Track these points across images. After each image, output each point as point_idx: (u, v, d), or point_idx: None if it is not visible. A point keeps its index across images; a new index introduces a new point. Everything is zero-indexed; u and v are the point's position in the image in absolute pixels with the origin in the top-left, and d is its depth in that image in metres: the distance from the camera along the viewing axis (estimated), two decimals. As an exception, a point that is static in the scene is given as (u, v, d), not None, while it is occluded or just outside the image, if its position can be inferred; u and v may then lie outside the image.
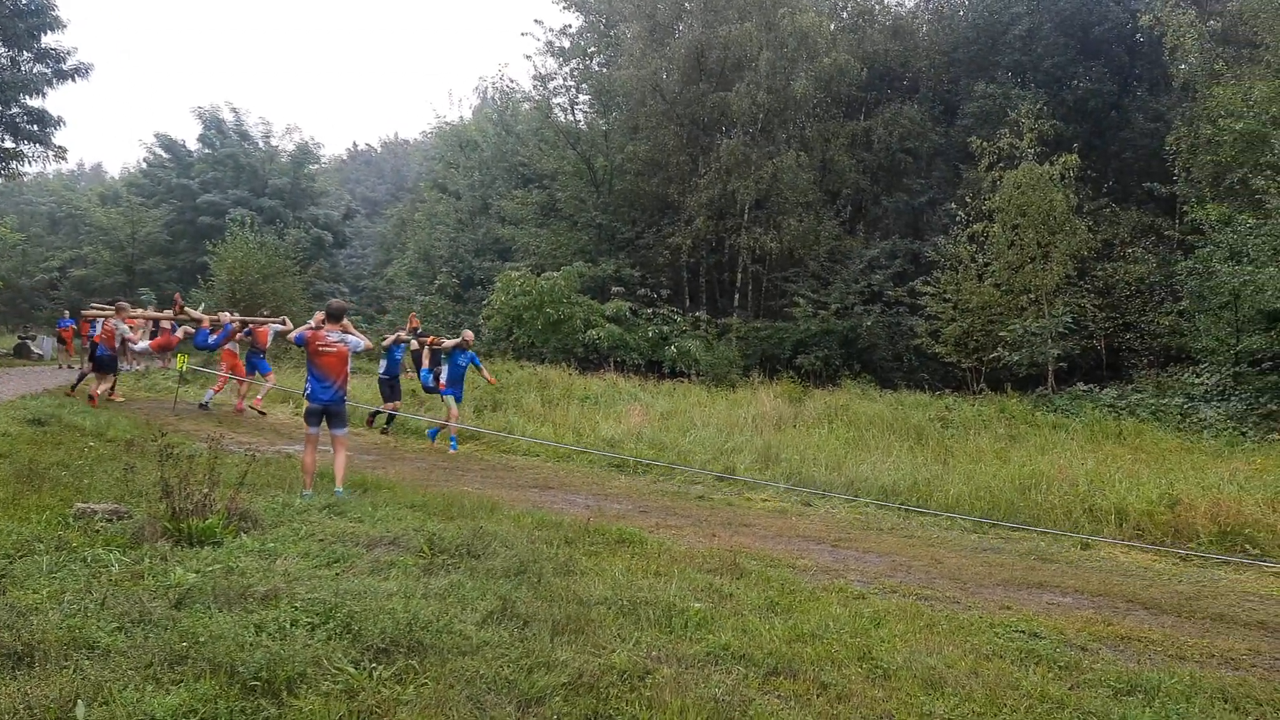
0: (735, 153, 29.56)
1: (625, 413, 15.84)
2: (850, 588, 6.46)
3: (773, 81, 29.32)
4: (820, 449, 13.09)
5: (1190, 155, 23.78)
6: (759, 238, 29.66)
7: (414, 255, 41.65)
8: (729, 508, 10.09)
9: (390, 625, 4.51)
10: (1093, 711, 4.34)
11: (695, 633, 5.04)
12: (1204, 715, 4.37)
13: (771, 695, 4.30)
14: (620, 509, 9.41)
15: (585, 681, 4.19)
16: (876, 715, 4.17)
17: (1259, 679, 5.05)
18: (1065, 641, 5.49)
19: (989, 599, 6.53)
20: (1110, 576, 7.64)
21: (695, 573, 6.38)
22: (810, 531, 8.93)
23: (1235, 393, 18.16)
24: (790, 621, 5.38)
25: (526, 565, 6.03)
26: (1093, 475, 10.62)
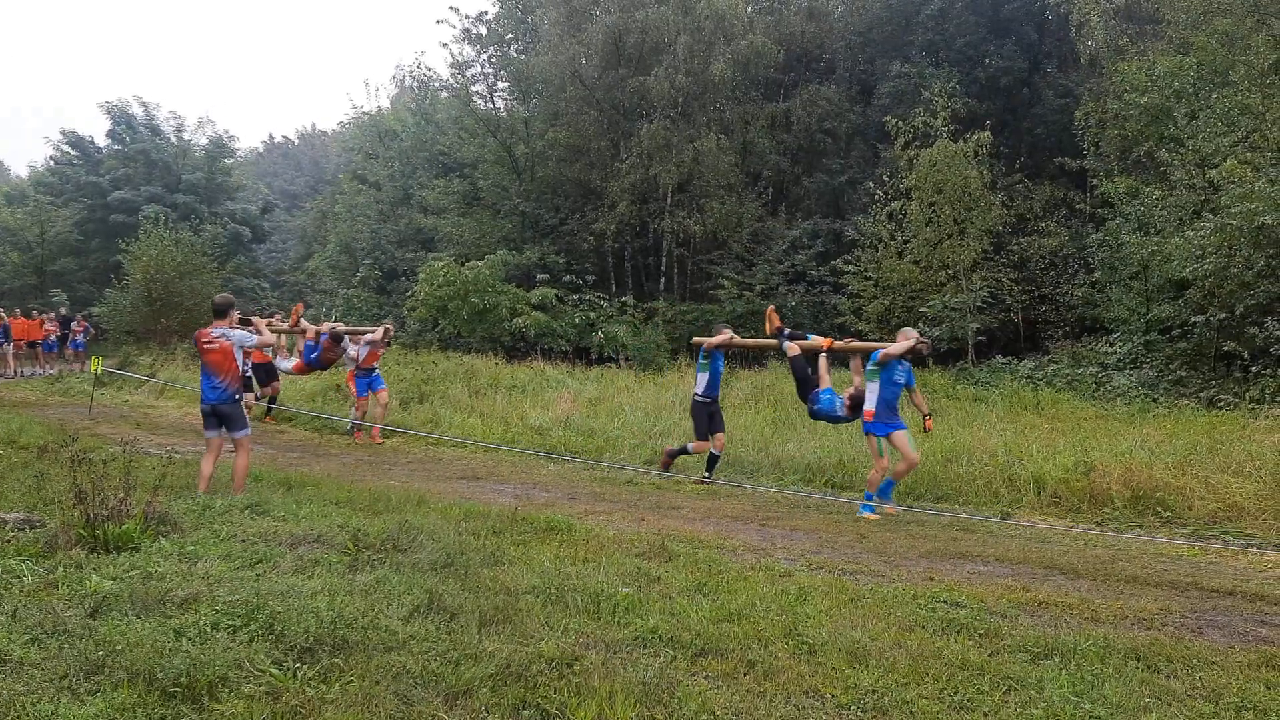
0: (656, 137, 29.54)
1: (553, 400, 15.79)
2: (777, 566, 6.53)
3: (691, 65, 29.35)
4: (748, 430, 13.21)
5: (1098, 130, 24.37)
6: (682, 221, 29.71)
7: (335, 248, 40.90)
8: (658, 491, 10.13)
9: (314, 624, 4.44)
10: (1011, 677, 4.45)
11: (623, 617, 5.05)
12: (1117, 675, 4.51)
13: (699, 676, 4.33)
14: (549, 497, 9.40)
15: (513, 671, 4.18)
16: (803, 691, 4.22)
17: (1170, 637, 5.23)
18: (986, 609, 5.61)
19: (912, 571, 6.66)
20: (1029, 544, 7.85)
21: (624, 558, 6.40)
22: (738, 512, 9.01)
23: (1146, 360, 18.72)
24: (718, 602, 5.42)
25: (453, 557, 5.98)
26: (1011, 446, 10.87)
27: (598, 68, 31.40)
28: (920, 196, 23.38)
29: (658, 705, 3.93)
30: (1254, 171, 16.82)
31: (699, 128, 30.35)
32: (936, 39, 30.15)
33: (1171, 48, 22.44)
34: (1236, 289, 16.74)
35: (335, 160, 63.66)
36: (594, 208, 31.28)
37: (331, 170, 62.61)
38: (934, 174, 22.95)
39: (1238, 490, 8.63)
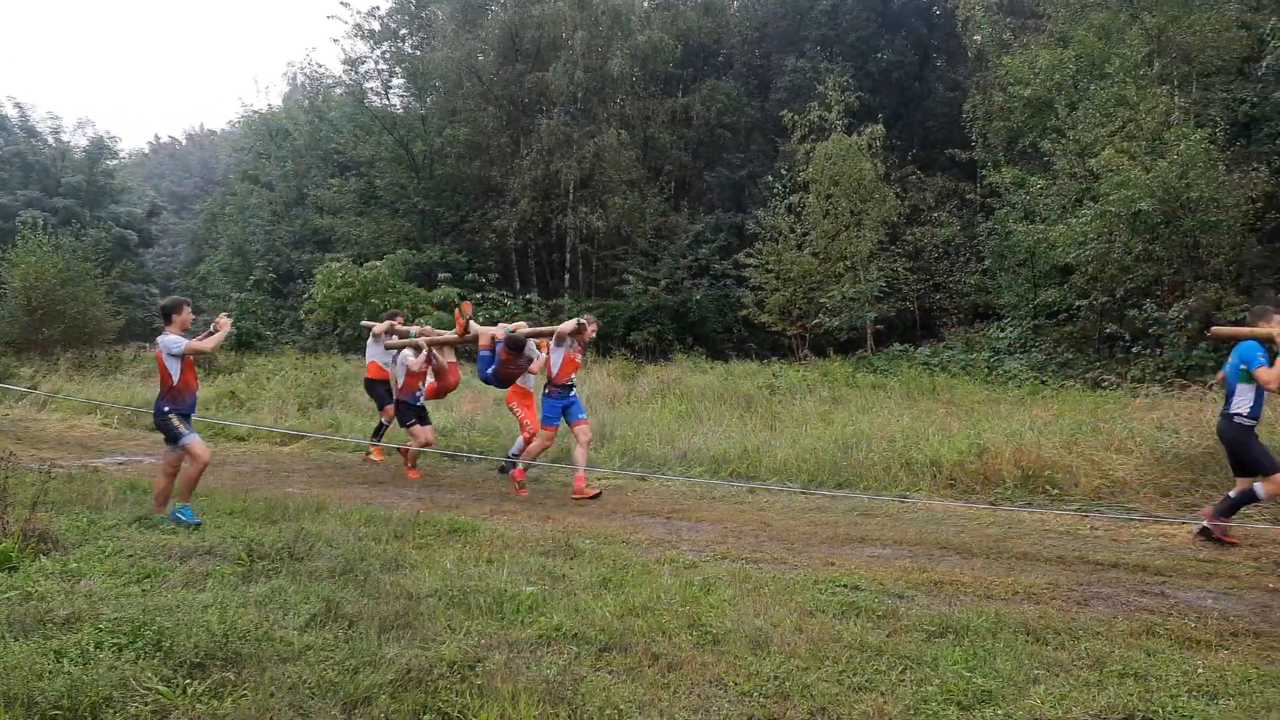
0: (556, 133, 29.45)
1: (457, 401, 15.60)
2: (682, 558, 6.56)
3: (590, 60, 29.35)
4: (654, 423, 13.25)
5: (986, 122, 25.12)
6: (585, 217, 29.69)
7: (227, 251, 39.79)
8: (564, 489, 10.09)
9: (205, 638, 4.30)
10: (908, 656, 4.55)
11: (527, 616, 5.01)
12: (1008, 649, 4.65)
13: (604, 671, 4.32)
14: (454, 499, 9.30)
15: (414, 676, 4.11)
16: (706, 681, 4.25)
17: (1057, 610, 5.41)
18: (884, 591, 5.73)
19: (814, 557, 6.76)
20: (926, 526, 8.04)
21: (529, 556, 6.36)
22: (645, 506, 9.03)
23: (1035, 344, 19.37)
24: (623, 597, 5.42)
25: (353, 564, 5.87)
26: (909, 431, 11.12)
27: (495, 63, 31.17)
28: (818, 189, 23.79)
29: (561, 703, 3.92)
30: (1130, 160, 17.52)
31: (600, 123, 30.35)
32: (830, 34, 30.68)
33: (1052, 41, 23.25)
34: (1117, 273, 17.43)
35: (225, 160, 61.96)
36: (495, 205, 31.04)
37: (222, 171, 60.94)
38: (830, 167, 23.39)
39: (1120, 466, 8.98)
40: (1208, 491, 8.54)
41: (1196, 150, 16.90)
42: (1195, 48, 21.10)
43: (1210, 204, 16.86)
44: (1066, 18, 23.31)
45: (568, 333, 9.74)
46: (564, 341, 9.74)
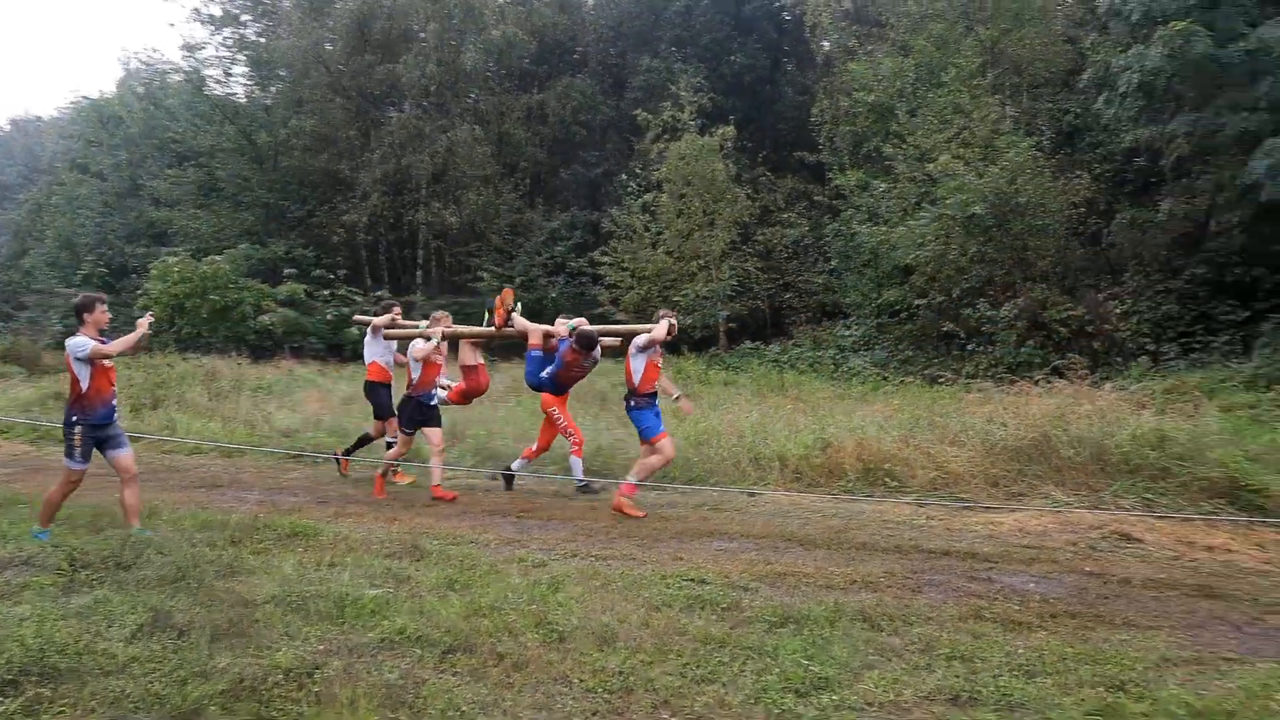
0: (408, 126, 28.91)
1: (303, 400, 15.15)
2: (531, 557, 6.53)
3: (442, 54, 28.91)
4: (507, 422, 13.15)
5: (833, 126, 25.91)
6: (438, 213, 29.24)
7: (54, 243, 37.47)
8: (414, 489, 9.92)
9: (19, 653, 4.06)
10: (750, 646, 4.65)
11: (369, 620, 4.90)
12: (845, 636, 4.80)
13: (447, 673, 4.27)
14: (296, 501, 9.00)
15: (247, 686, 3.97)
16: (551, 678, 4.25)
17: (893, 598, 5.62)
18: (730, 584, 5.84)
19: (663, 552, 6.83)
20: (773, 519, 8.23)
21: (373, 559, 6.22)
22: (496, 506, 8.95)
23: (878, 342, 20.09)
24: (469, 598, 5.36)
25: (185, 571, 5.62)
26: (758, 427, 11.35)
27: (344, 53, 30.37)
28: (671, 188, 24.07)
29: (402, 707, 3.86)
30: (965, 165, 18.37)
31: (453, 118, 29.94)
32: (684, 35, 31.05)
33: (894, 49, 24.16)
34: (953, 274, 18.24)
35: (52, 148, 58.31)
36: (344, 199, 30.24)
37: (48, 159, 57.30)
38: (683, 166, 23.69)
39: (954, 459, 9.38)
40: (1033, 481, 9.01)
41: (1025, 157, 17.87)
42: (1025, 60, 22.31)
43: (1037, 208, 17.85)
44: (907, 27, 24.26)
45: (661, 338, 8.53)
46: (646, 348, 8.52)
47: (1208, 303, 16.63)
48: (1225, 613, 5.51)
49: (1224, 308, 16.19)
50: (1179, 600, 5.76)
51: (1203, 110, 14.16)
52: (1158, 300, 17.20)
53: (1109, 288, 18.00)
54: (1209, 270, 16.96)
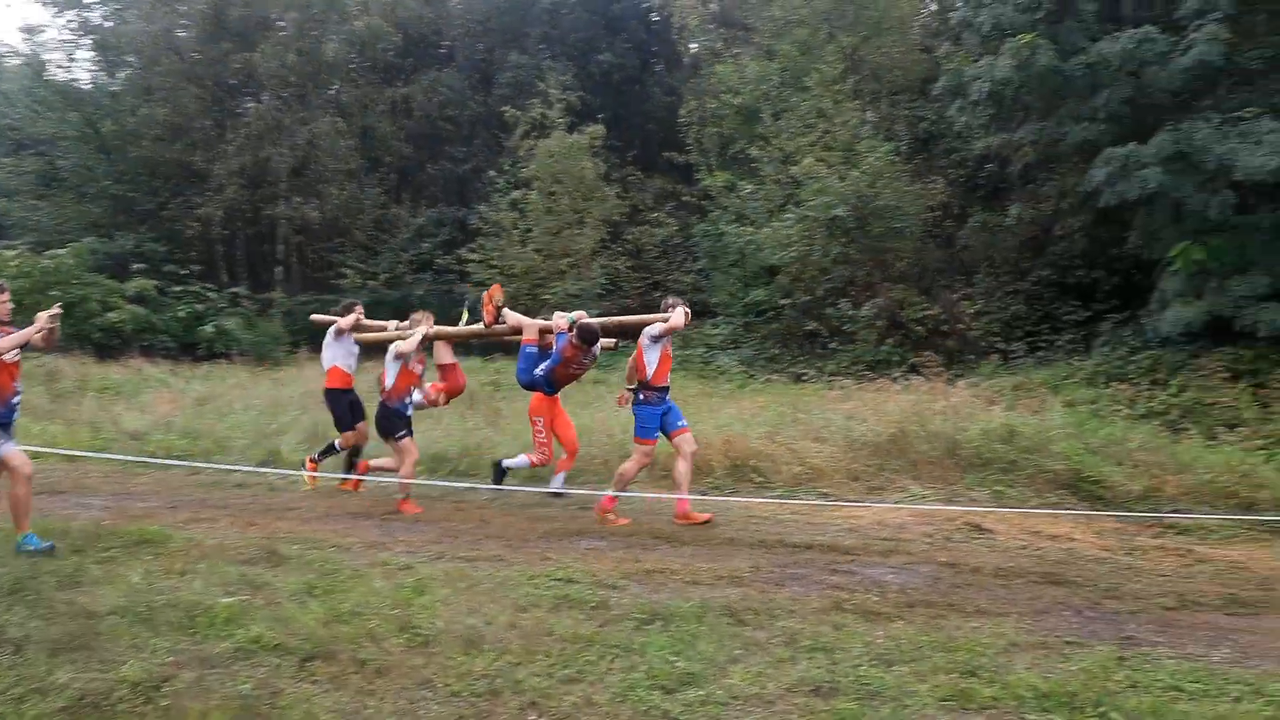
0: (266, 117, 27.94)
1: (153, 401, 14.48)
2: (396, 560, 6.40)
3: (302, 43, 28.03)
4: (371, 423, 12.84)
5: (701, 127, 26.17)
6: (299, 207, 28.36)
7: (-127, 234, 34.86)
8: (273, 493, 9.58)
9: None
10: (618, 644, 4.66)
11: (223, 629, 4.72)
12: (711, 631, 4.86)
13: (306, 682, 4.15)
14: (146, 507, 8.57)
15: (90, 701, 3.78)
16: (415, 683, 4.17)
17: (758, 591, 5.72)
18: (598, 583, 5.84)
19: (531, 552, 6.78)
20: (642, 516, 8.28)
21: (227, 566, 5.98)
22: (360, 508, 8.73)
23: (745, 340, 20.43)
24: (329, 603, 5.22)
25: (23, 583, 5.31)
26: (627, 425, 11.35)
27: (198, 40, 29.13)
28: (540, 186, 23.95)
29: (257, 718, 3.72)
30: (828, 168, 18.85)
31: (314, 110, 29.06)
32: (552, 32, 30.91)
33: (760, 53, 24.59)
34: (817, 274, 18.71)
35: (-127, 132, 54.17)
36: (198, 191, 28.98)
37: None
38: (552, 164, 23.60)
39: (816, 454, 9.63)
40: (891, 475, 9.32)
41: (884, 162, 18.46)
42: (883, 67, 23.04)
43: (896, 211, 18.46)
44: (772, 32, 24.73)
45: (680, 326, 7.99)
46: (660, 338, 7.98)
47: (1052, 303, 17.49)
48: (1068, 598, 5.80)
49: (1067, 308, 17.02)
50: (1026, 588, 6.03)
51: (1047, 120, 14.87)
52: (1007, 301, 18.00)
53: (962, 288, 18.74)
54: (1053, 272, 17.83)
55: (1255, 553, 7.11)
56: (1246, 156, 11.50)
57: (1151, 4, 13.31)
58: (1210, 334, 12.75)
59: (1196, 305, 12.43)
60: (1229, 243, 12.40)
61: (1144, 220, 13.56)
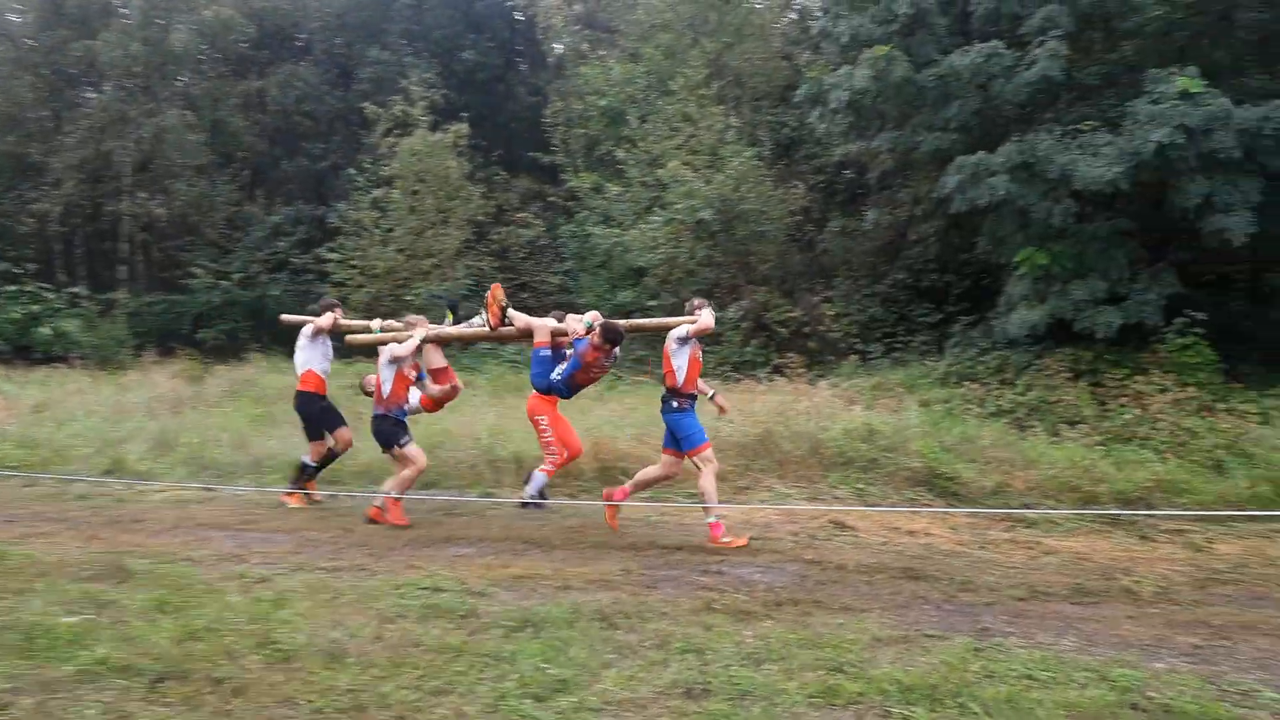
0: (109, 109, 26.56)
1: None
2: (252, 573, 6.15)
3: (148, 32, 26.75)
4: (224, 429, 12.34)
5: (566, 128, 26.12)
6: (144, 204, 27.06)
7: None
8: (118, 505, 9.09)
9: None
10: (488, 654, 4.58)
11: (65, 651, 4.44)
12: (583, 637, 4.83)
13: (157, 704, 3.94)
14: (-23, 522, 8.03)
15: (-87, 738, 3.48)
16: (276, 701, 4.01)
17: (629, 595, 5.71)
18: (467, 590, 5.73)
19: (396, 561, 6.62)
20: (510, 521, 8.18)
21: (69, 583, 5.64)
22: (213, 519, 8.37)
23: (612, 342, 20.44)
24: (182, 620, 4.97)
25: None
26: (494, 428, 11.25)
27: (34, 26, 27.51)
28: (403, 185, 23.49)
29: (103, 747, 3.50)
30: (693, 172, 19.06)
31: (161, 102, 27.77)
32: (414, 28, 30.36)
33: (625, 56, 24.70)
34: (683, 276, 18.89)
35: None
36: (33, 186, 27.37)
37: None
38: (415, 163, 23.18)
39: (685, 455, 9.69)
40: (758, 475, 9.46)
41: (748, 166, 18.78)
42: (746, 73, 23.44)
43: (760, 215, 18.81)
44: (637, 35, 24.88)
45: (710, 328, 7.52)
46: (688, 340, 7.47)
47: (907, 306, 18.10)
48: (927, 592, 5.99)
49: (921, 310, 17.63)
50: (887, 583, 6.20)
51: (903, 129, 15.38)
52: (865, 303, 18.55)
53: (823, 291, 19.22)
54: (908, 276, 18.47)
55: (1097, 544, 7.50)
56: (1085, 167, 12.13)
57: (998, 20, 13.87)
58: (1053, 335, 13.41)
59: (1040, 308, 13.03)
60: (1069, 249, 13.05)
61: (992, 226, 14.15)
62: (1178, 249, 13.71)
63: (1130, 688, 4.32)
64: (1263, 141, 11.60)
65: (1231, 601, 5.91)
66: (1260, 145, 11.63)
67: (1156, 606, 5.79)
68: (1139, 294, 12.58)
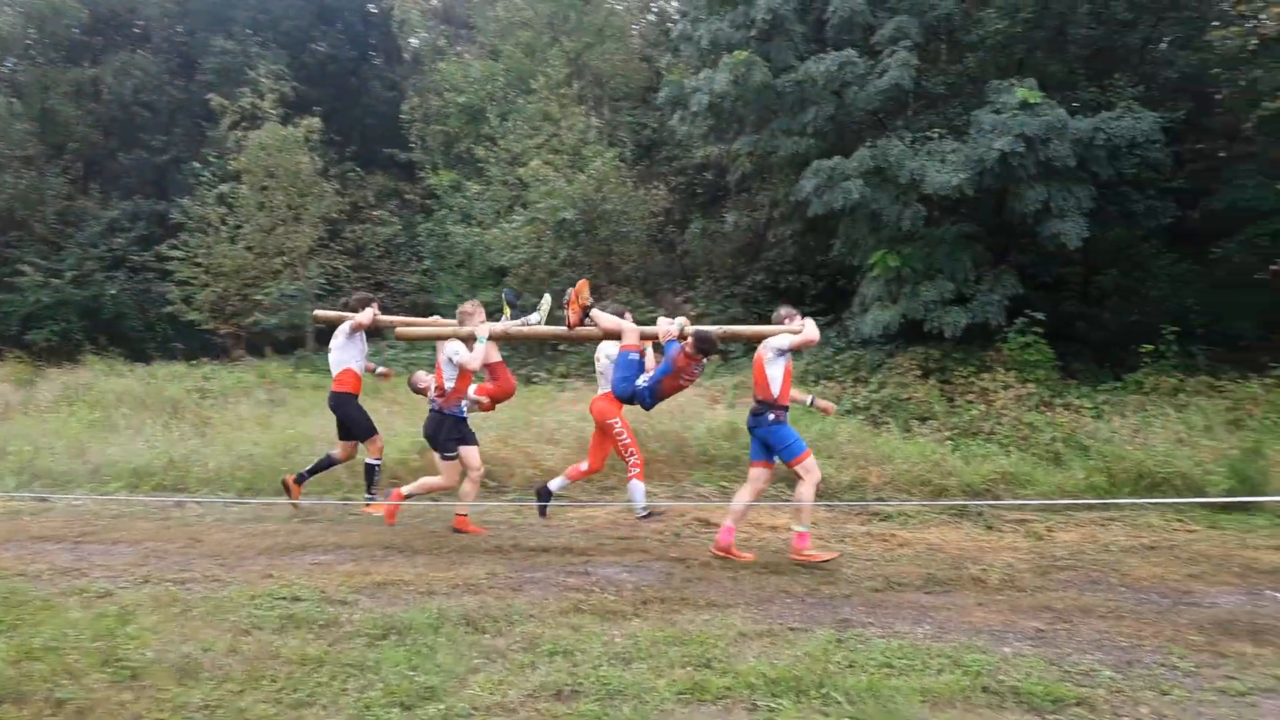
0: (-75, 94, 24.78)
1: None
2: (94, 587, 5.82)
3: (-30, 14, 25.09)
4: (59, 435, 11.63)
5: (424, 124, 25.66)
6: (-34, 196, 25.34)
7: None
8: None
9: None
10: (351, 663, 4.45)
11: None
12: (449, 642, 4.74)
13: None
14: None
15: None
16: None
17: (495, 598, 5.64)
18: (326, 599, 5.56)
19: (251, 571, 6.37)
20: (370, 527, 7.97)
21: (-117, 606, 5.20)
22: (48, 531, 7.88)
23: (473, 342, 20.21)
24: (18, 639, 4.65)
25: None
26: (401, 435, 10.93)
27: None
28: (251, 180, 22.64)
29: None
30: (555, 171, 18.99)
31: (-16, 88, 26.06)
32: (262, 17, 29.29)
33: (484, 52, 24.43)
34: (546, 276, 18.78)
35: None
36: None
37: None
38: (265, 157, 22.39)
39: (550, 457, 9.65)
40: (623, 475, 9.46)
41: (610, 167, 18.82)
42: (607, 74, 23.50)
43: (621, 216, 18.88)
44: (496, 32, 24.66)
45: (816, 340, 7.26)
46: (786, 351, 7.05)
47: (767, 306, 18.39)
48: (789, 586, 6.11)
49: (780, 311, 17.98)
50: (751, 579, 6.30)
51: (761, 132, 15.66)
52: (725, 304, 18.81)
53: (684, 291, 19.44)
54: (767, 277, 18.83)
55: (948, 535, 7.80)
56: (933, 173, 12.62)
57: (852, 29, 14.27)
58: (904, 335, 13.91)
59: (892, 309, 13.49)
60: (919, 251, 13.56)
61: (847, 229, 14.57)
62: (1018, 252, 14.43)
63: (982, 672, 4.51)
64: (1095, 151, 12.32)
65: (1071, 586, 6.24)
66: (1092, 154, 12.35)
67: (1003, 593, 6.06)
68: (983, 295, 13.15)
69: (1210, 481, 8.47)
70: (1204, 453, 9.10)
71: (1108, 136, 12.26)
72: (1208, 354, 13.15)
